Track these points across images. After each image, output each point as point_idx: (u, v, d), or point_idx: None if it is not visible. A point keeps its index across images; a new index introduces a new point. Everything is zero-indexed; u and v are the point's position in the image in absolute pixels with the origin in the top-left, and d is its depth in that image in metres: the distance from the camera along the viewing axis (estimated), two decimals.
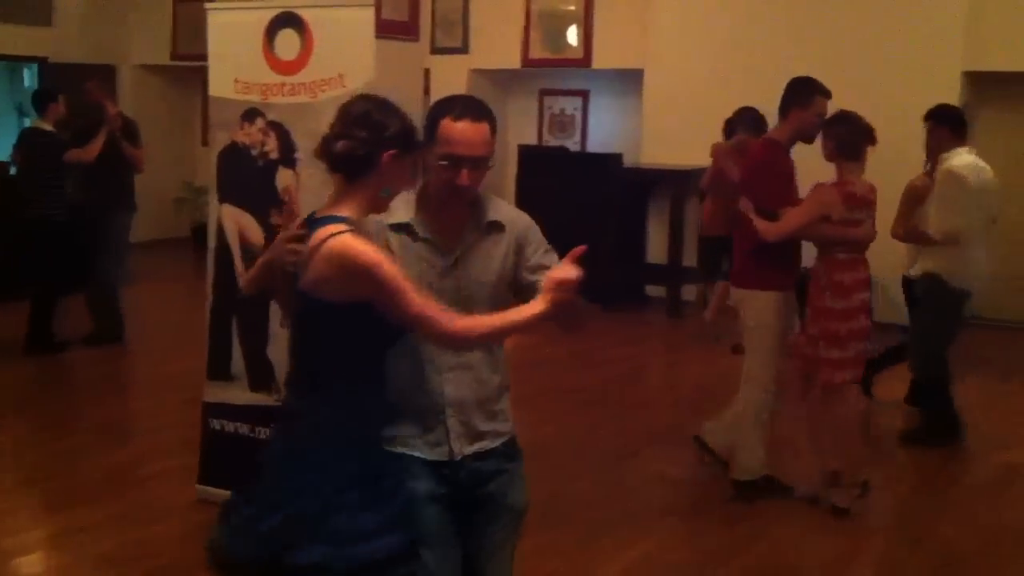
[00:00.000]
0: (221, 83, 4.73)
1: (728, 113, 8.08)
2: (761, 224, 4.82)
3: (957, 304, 5.87)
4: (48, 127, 7.71)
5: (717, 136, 8.32)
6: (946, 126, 5.90)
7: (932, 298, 5.90)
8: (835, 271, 4.83)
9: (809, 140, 4.97)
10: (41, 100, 7.79)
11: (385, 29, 4.39)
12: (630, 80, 10.46)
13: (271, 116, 4.59)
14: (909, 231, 5.95)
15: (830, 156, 4.92)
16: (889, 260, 6.50)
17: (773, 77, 9.50)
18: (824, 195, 4.80)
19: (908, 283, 6.22)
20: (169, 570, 4.26)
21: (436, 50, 11.34)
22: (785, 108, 4.99)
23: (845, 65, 9.18)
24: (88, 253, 7.80)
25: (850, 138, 4.87)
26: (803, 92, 4.95)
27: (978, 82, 8.97)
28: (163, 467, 5.36)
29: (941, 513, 5.16)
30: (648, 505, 5.13)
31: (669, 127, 9.90)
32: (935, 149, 5.95)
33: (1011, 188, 9.35)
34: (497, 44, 11.20)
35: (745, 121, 7.73)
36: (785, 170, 4.99)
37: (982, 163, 5.92)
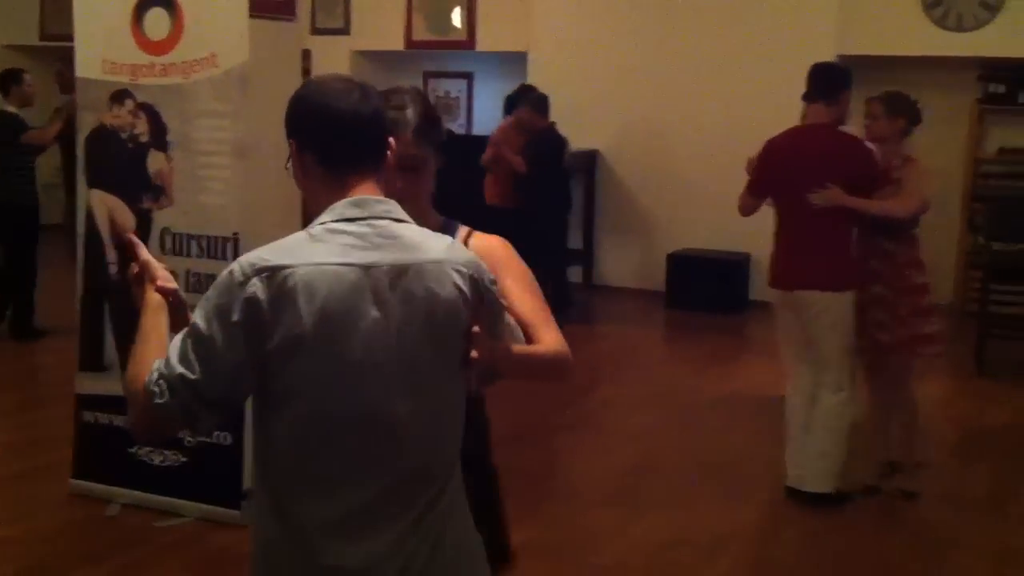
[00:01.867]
0: (88, 64, 4.58)
1: (618, 96, 8.19)
2: (887, 204, 4.76)
3: None
4: (12, 109, 7.53)
5: (602, 118, 8.44)
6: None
7: None
8: (913, 248, 4.92)
9: (844, 122, 5.00)
10: (3, 82, 7.62)
11: (260, 8, 4.29)
12: (515, 63, 10.46)
13: (141, 97, 4.46)
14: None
15: (900, 134, 5.01)
16: None
17: (653, 60, 9.74)
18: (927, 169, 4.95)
19: None
20: (40, 570, 4.12)
21: (317, 31, 11.16)
22: (835, 91, 4.85)
23: (723, 49, 9.37)
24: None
25: (917, 113, 5.02)
26: (846, 77, 4.93)
27: (850, 65, 9.20)
28: (34, 463, 5.17)
29: None
30: None
31: (554, 109, 9.93)
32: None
33: None
34: (380, 25, 11.07)
35: (530, 99, 8.26)
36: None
37: None
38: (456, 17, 10.84)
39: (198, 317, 1.77)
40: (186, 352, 1.76)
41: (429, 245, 1.86)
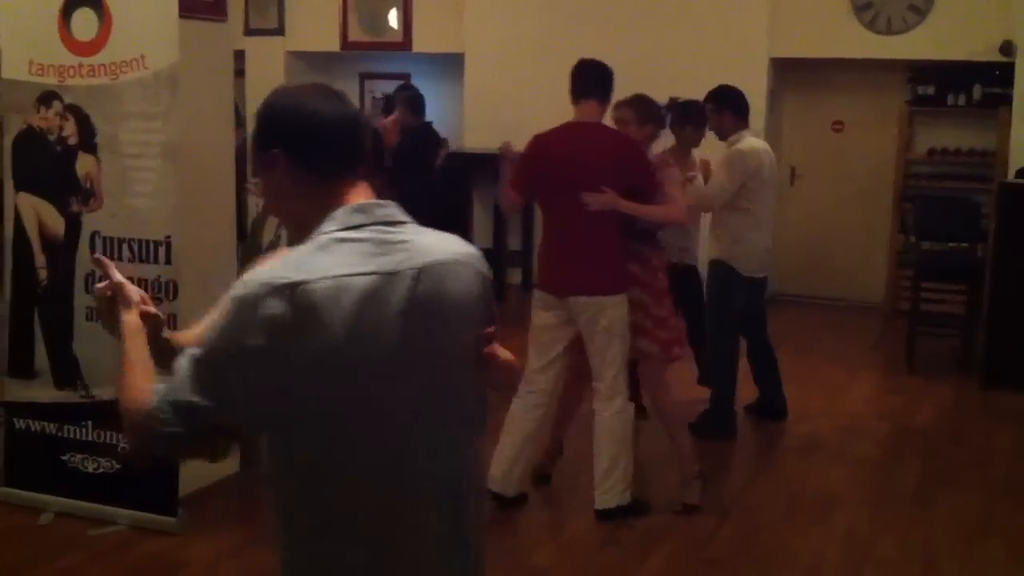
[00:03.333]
0: (14, 65, 4.51)
1: (554, 98, 8.13)
2: (657, 210, 4.66)
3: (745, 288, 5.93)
4: None
5: (538, 119, 8.41)
6: (727, 109, 5.88)
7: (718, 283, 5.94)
8: (662, 251, 4.95)
9: None
10: None
11: (189, 8, 4.25)
12: (451, 64, 10.45)
13: (69, 99, 4.40)
14: None
15: (649, 140, 5.06)
16: None
17: None
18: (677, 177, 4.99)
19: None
20: None
21: (250, 31, 11.03)
22: (608, 90, 4.82)
23: (657, 52, 9.43)
24: None
25: (662, 120, 5.14)
26: (612, 77, 4.87)
27: (782, 68, 9.35)
28: None
29: (748, 484, 5.38)
30: None
31: (490, 111, 9.94)
32: (720, 131, 5.91)
33: (810, 167, 9.88)
34: (315, 26, 10.99)
35: (400, 98, 8.50)
36: None
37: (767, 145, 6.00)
38: (392, 18, 10.80)
39: (208, 342, 1.69)
40: (197, 379, 1.68)
41: (440, 244, 1.83)
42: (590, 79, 4.77)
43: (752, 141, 5.86)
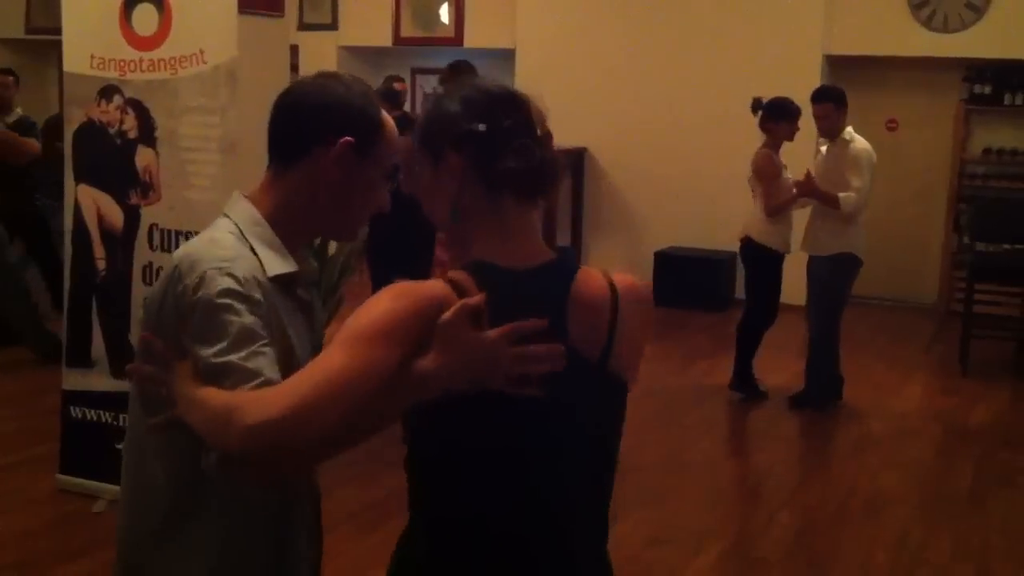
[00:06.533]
0: (76, 59, 4.56)
1: (605, 94, 8.18)
2: None
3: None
4: None
5: (589, 115, 8.43)
6: (844, 107, 6.22)
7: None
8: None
9: None
10: None
11: (248, 4, 4.28)
12: (502, 60, 10.46)
13: (129, 93, 4.45)
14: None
15: None
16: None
17: (640, 58, 9.75)
18: None
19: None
20: (25, 566, 4.10)
21: (304, 26, 11.13)
22: None
23: (710, 48, 9.39)
24: None
25: None
26: None
27: (837, 65, 9.25)
28: (22, 456, 5.17)
29: (800, 484, 5.35)
30: None
31: (541, 106, 9.94)
32: (835, 129, 6.20)
33: None
34: (367, 21, 11.06)
35: (378, 91, 8.33)
36: None
37: None
38: (444, 13, 10.83)
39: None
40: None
41: None
42: None
43: (859, 137, 6.18)
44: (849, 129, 6.18)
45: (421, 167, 1.69)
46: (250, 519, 1.82)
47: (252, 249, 1.77)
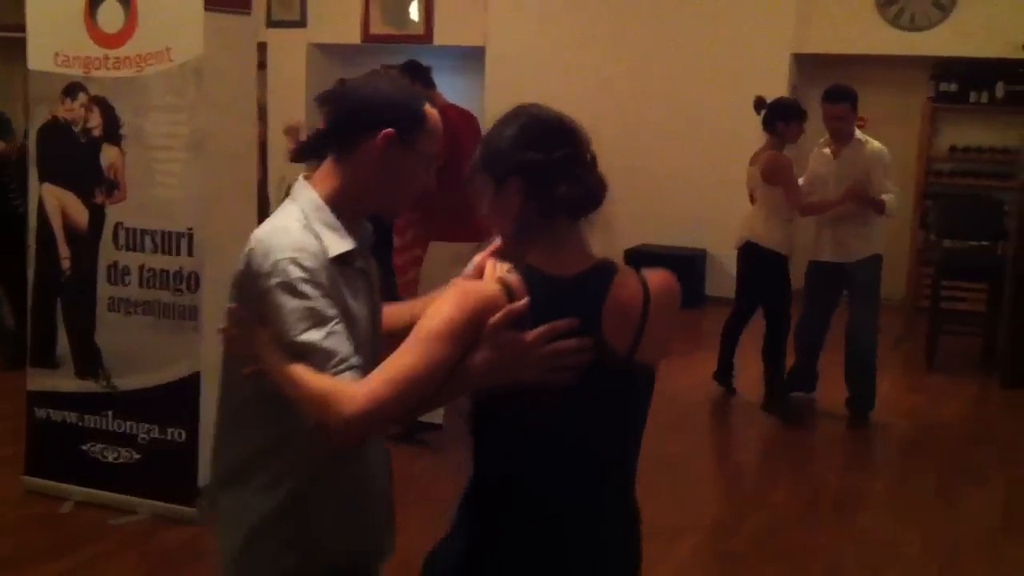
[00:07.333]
0: (41, 56, 4.52)
1: (575, 92, 8.12)
2: None
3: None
4: None
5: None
6: (857, 108, 6.04)
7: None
8: None
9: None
10: None
11: (215, 1, 4.25)
12: (473, 57, 10.45)
13: (94, 90, 4.41)
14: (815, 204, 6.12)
15: None
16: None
17: (611, 57, 9.76)
18: None
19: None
20: None
21: (272, 23, 11.05)
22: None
23: (681, 47, 9.41)
24: None
25: None
26: None
27: (805, 64, 9.30)
28: None
29: (770, 481, 5.37)
30: None
31: (511, 105, 9.92)
32: (851, 131, 6.03)
33: None
34: (336, 18, 11.00)
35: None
36: None
37: None
38: (414, 11, 10.79)
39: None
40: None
41: None
42: None
43: (870, 137, 6.11)
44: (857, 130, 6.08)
45: (484, 187, 1.93)
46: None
47: (316, 236, 1.99)
